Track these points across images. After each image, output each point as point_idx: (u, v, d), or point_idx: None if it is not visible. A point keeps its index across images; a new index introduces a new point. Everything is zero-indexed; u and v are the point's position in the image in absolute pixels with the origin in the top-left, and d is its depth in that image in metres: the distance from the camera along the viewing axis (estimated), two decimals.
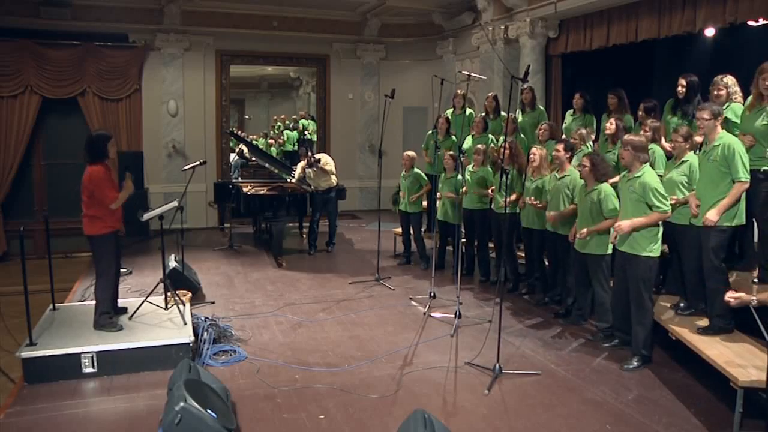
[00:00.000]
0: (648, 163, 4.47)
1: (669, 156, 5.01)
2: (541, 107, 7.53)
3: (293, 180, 8.49)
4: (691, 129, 4.70)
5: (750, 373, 3.57)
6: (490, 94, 7.61)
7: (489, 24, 9.00)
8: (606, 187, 4.84)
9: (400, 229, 7.92)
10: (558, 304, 5.85)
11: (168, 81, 10.21)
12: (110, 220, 4.72)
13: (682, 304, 4.83)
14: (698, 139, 4.59)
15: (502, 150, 5.84)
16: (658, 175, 4.59)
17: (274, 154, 12.21)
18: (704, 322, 4.45)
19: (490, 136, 7.18)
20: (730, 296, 3.05)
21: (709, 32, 6.61)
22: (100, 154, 4.65)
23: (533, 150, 5.84)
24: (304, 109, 13.99)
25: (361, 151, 11.80)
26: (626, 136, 4.64)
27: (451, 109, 8.03)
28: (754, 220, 4.62)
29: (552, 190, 5.53)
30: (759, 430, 3.49)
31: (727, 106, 4.69)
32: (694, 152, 4.63)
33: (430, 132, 7.94)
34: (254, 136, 13.87)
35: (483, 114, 7.46)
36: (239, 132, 13.43)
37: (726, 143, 4.16)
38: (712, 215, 4.17)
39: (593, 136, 6.25)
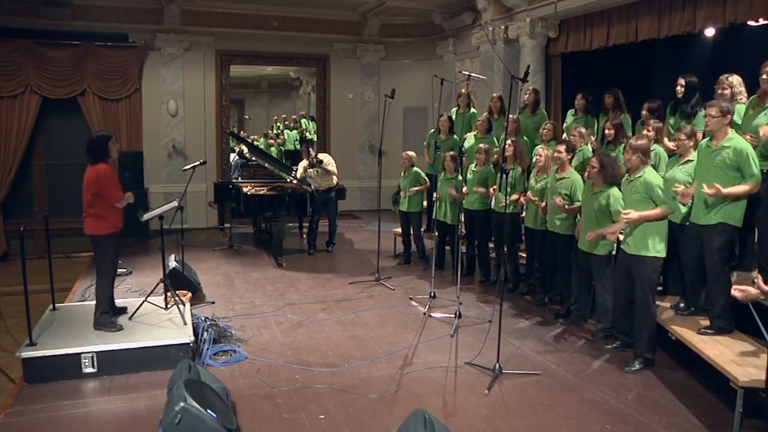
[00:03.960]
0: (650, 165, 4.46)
1: (670, 155, 5.00)
2: (544, 111, 7.44)
3: (294, 180, 8.49)
4: (694, 128, 4.67)
5: (750, 373, 3.57)
6: (495, 95, 7.59)
7: (489, 24, 9.00)
8: (615, 192, 4.76)
9: (400, 229, 7.92)
10: (558, 304, 5.85)
11: (168, 81, 10.21)
12: (113, 219, 4.74)
13: (682, 304, 4.82)
14: (700, 135, 4.55)
15: (502, 150, 5.84)
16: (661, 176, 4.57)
17: (274, 154, 12.20)
18: (704, 322, 4.45)
19: (494, 139, 7.16)
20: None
21: (709, 32, 6.61)
22: (103, 154, 4.69)
23: (539, 151, 5.83)
24: (304, 109, 13.98)
25: (361, 151, 11.79)
26: (633, 142, 4.48)
27: (456, 108, 8.02)
28: (754, 221, 4.60)
29: (550, 190, 5.52)
30: (759, 430, 3.49)
31: None
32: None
33: (432, 131, 7.92)
34: (255, 137, 13.88)
35: (487, 114, 7.42)
36: (239, 132, 13.43)
37: (738, 147, 4.10)
38: (720, 190, 4.03)
39: (593, 137, 6.25)
